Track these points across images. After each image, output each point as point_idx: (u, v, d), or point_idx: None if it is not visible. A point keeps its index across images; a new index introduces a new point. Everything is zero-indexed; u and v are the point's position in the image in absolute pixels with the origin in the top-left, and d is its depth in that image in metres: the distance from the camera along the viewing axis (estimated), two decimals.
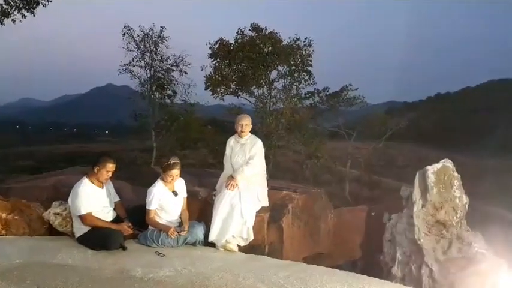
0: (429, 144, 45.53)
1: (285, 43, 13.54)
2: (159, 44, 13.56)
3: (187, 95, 13.75)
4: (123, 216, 4.57)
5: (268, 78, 13.72)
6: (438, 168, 5.23)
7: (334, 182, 17.29)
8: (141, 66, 13.66)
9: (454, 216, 5.10)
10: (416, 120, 49.39)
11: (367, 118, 17.57)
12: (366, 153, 17.21)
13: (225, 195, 4.52)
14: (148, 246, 4.33)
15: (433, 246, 5.05)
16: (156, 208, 4.40)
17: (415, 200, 5.23)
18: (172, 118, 13.52)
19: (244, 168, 4.64)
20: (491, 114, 58.50)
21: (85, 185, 4.34)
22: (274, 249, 4.52)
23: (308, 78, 14.04)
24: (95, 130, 60.22)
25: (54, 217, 4.52)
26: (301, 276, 3.61)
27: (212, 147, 13.88)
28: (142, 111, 15.18)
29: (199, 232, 4.42)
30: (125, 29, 13.43)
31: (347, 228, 5.90)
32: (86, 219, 4.23)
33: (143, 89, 13.88)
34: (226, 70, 13.49)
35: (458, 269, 4.83)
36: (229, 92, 13.81)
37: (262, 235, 4.55)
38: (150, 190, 4.41)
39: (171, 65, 13.75)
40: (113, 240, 4.13)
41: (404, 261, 5.27)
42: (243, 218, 4.45)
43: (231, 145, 4.93)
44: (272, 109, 13.49)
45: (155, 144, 13.73)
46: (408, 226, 5.31)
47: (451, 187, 5.18)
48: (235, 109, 14.26)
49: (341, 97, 15.03)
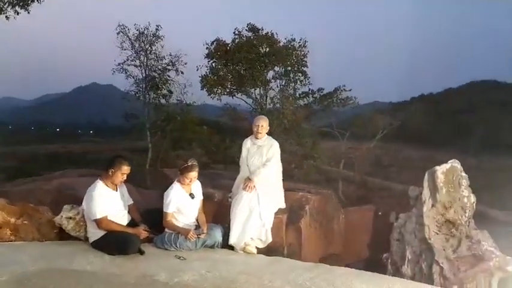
0: (413, 144, 46.01)
1: (281, 44, 13.59)
2: (154, 43, 13.44)
3: (183, 95, 13.66)
4: (138, 220, 4.50)
5: (265, 79, 13.71)
6: (447, 168, 5.32)
7: (326, 181, 17.38)
8: (135, 65, 13.55)
9: (463, 215, 5.20)
10: (402, 120, 49.99)
11: (360, 118, 17.74)
12: (359, 153, 17.36)
13: (242, 197, 4.49)
14: (166, 250, 4.28)
15: (443, 244, 5.14)
16: (173, 211, 4.35)
17: (425, 200, 5.31)
18: (168, 118, 13.37)
19: (261, 170, 4.63)
20: (473, 115, 59.55)
21: (100, 188, 4.26)
22: (292, 250, 4.52)
23: (303, 79, 14.14)
24: (78, 130, 59.15)
25: (67, 221, 4.42)
26: (326, 277, 3.62)
27: (208, 147, 13.82)
28: (134, 111, 15.01)
29: (217, 235, 4.38)
30: (119, 27, 13.29)
31: (355, 228, 5.96)
32: (101, 223, 4.16)
33: (138, 89, 13.74)
34: (223, 70, 13.45)
35: (468, 266, 4.93)
36: (225, 92, 13.75)
37: (281, 237, 4.55)
38: (168, 193, 4.36)
39: (167, 65, 13.62)
40: (131, 245, 4.06)
41: (414, 260, 5.34)
42: (261, 220, 4.44)
43: (248, 147, 4.91)
44: (270, 109, 13.50)
45: (151, 145, 13.58)
46: (418, 225, 5.38)
47: (460, 187, 5.27)
48: (230, 109, 14.28)
49: (335, 97, 15.13)
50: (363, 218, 6.11)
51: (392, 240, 5.70)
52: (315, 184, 12.14)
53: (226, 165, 13.82)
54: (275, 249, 4.50)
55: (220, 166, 14.04)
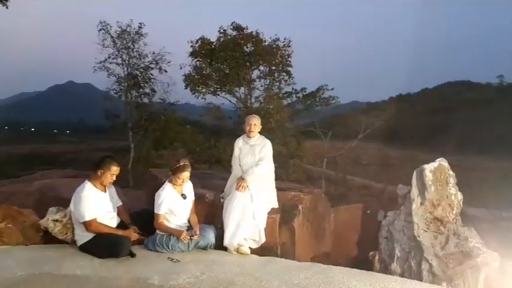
0: (391, 143, 46.96)
1: (266, 43, 13.54)
2: (137, 41, 13.19)
3: (167, 93, 13.47)
4: (128, 222, 4.40)
5: (250, 78, 13.66)
6: (435, 166, 5.39)
7: (309, 180, 17.48)
8: (117, 63, 13.27)
9: (450, 212, 5.27)
10: (372, 119, 50.80)
11: (343, 117, 17.90)
12: (343, 152, 17.52)
13: (236, 197, 4.44)
14: (158, 252, 4.20)
15: (431, 242, 5.20)
16: (165, 212, 4.26)
17: (414, 198, 5.36)
18: (152, 117, 13.15)
19: (254, 170, 4.58)
20: (448, 115, 61.02)
21: (88, 189, 4.14)
22: (286, 250, 4.49)
23: (288, 78, 14.16)
24: (54, 130, 57.67)
25: (54, 224, 4.28)
26: (323, 277, 3.61)
27: (191, 147, 13.66)
28: (114, 110, 14.75)
29: (210, 236, 4.32)
30: (100, 24, 12.98)
31: (344, 227, 5.96)
32: (90, 225, 4.04)
33: (119, 87, 13.47)
34: (208, 69, 13.31)
35: (456, 263, 5.00)
36: (209, 92, 13.61)
37: (274, 237, 4.52)
38: (159, 193, 4.28)
39: (150, 63, 13.41)
40: (122, 247, 3.97)
41: (403, 257, 5.38)
42: (255, 220, 4.39)
43: (240, 146, 4.86)
44: (255, 109, 13.46)
45: (133, 145, 13.33)
46: (406, 223, 5.43)
47: (447, 185, 5.34)
48: (213, 109, 14.15)
49: (317, 97, 15.22)
50: (352, 216, 6.13)
51: (381, 238, 5.74)
52: (298, 183, 12.18)
53: (211, 165, 13.71)
54: (269, 249, 4.46)
55: (204, 166, 13.92)
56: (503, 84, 69.36)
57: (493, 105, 59.35)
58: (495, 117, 56.82)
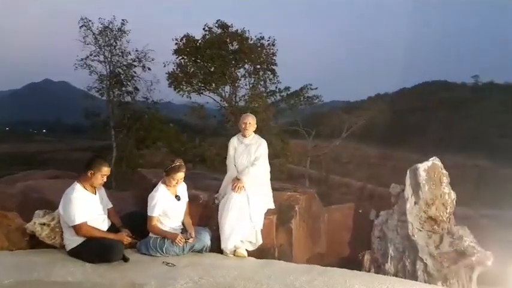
0: (370, 141, 47.56)
1: (251, 42, 13.41)
2: (119, 38, 12.86)
3: (150, 92, 13.19)
4: (119, 224, 4.24)
5: (236, 76, 13.52)
6: (428, 165, 5.37)
7: (292, 179, 17.46)
8: (99, 60, 12.93)
9: (444, 211, 5.25)
10: (355, 119, 51.41)
11: (327, 116, 17.94)
12: (327, 151, 17.57)
13: (232, 198, 4.32)
14: (152, 256, 4.06)
15: (426, 241, 5.18)
16: (158, 214, 4.11)
17: (408, 197, 5.33)
18: (135, 116, 12.85)
19: (250, 169, 4.48)
20: (426, 114, 62.14)
21: (78, 191, 3.96)
22: (283, 252, 4.40)
23: (272, 77, 14.08)
24: (30, 129, 56.07)
25: (41, 228, 4.07)
26: (324, 279, 3.54)
27: (174, 146, 13.43)
28: (95, 108, 14.41)
29: (206, 238, 4.19)
30: (82, 21, 12.62)
31: (337, 227, 5.90)
32: (81, 229, 3.86)
33: (101, 86, 13.11)
34: (192, 67, 13.10)
35: (451, 262, 4.99)
36: (193, 90, 13.39)
37: (271, 238, 4.42)
38: (152, 195, 4.12)
39: (133, 60, 13.10)
40: (114, 251, 3.81)
41: (397, 257, 5.34)
42: (251, 221, 4.28)
43: (235, 145, 4.73)
44: (241, 107, 13.32)
45: (115, 144, 13.00)
46: (400, 222, 5.40)
47: (441, 184, 5.34)
48: (197, 107, 13.96)
49: (302, 96, 15.19)
50: (344, 216, 6.07)
51: (373, 237, 5.69)
52: (281, 182, 12.09)
53: (194, 164, 13.52)
54: (266, 252, 4.36)
55: (188, 165, 13.69)
56: (478, 84, 71.06)
57: (468, 105, 60.74)
58: (470, 116, 58.20)
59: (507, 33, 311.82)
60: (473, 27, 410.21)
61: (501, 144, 47.59)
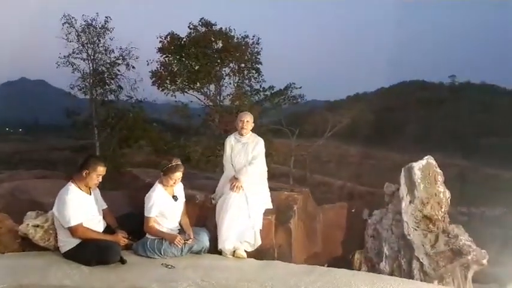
0: (349, 140, 47.97)
1: (235, 40, 13.31)
2: (103, 35, 12.58)
3: (134, 90, 12.95)
4: (114, 225, 4.11)
5: (221, 75, 13.41)
6: (423, 164, 5.39)
7: (273, 178, 17.43)
8: (82, 58, 12.62)
9: (439, 210, 5.28)
10: (339, 118, 51.96)
11: (312, 116, 18.00)
12: (311, 150, 17.62)
13: (230, 198, 4.23)
14: (149, 258, 3.94)
15: (421, 240, 5.20)
16: (156, 215, 3.99)
17: (403, 196, 5.33)
18: (119, 115, 12.58)
19: (247, 169, 4.40)
20: (404, 113, 63.22)
21: (72, 192, 3.82)
22: (282, 252, 4.34)
23: (257, 76, 14.02)
24: (6, 128, 54.37)
25: (34, 230, 3.90)
26: (328, 280, 3.50)
27: (158, 146, 13.23)
28: (76, 107, 14.10)
29: (205, 239, 4.10)
30: (64, 17, 12.28)
31: (330, 226, 5.87)
32: (77, 231, 3.73)
33: (84, 84, 12.80)
34: (176, 66, 12.91)
35: (447, 261, 5.01)
36: (177, 89, 13.20)
37: (270, 238, 4.35)
38: (150, 195, 4.00)
39: (116, 58, 12.85)
40: (112, 253, 3.69)
41: (392, 256, 5.35)
42: (250, 221, 4.20)
43: (232, 144, 4.65)
44: (226, 107, 13.22)
45: (98, 144, 12.71)
46: (395, 222, 5.41)
47: (436, 183, 5.36)
48: (181, 106, 13.79)
49: (286, 95, 15.19)
50: (336, 215, 6.05)
51: (367, 237, 5.68)
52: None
53: None
54: (265, 252, 4.29)
55: None
56: (455, 84, 72.70)
57: (446, 104, 62.09)
58: (448, 115, 59.52)
59: (484, 34, 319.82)
60: (451, 28, 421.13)
61: (479, 144, 48.87)
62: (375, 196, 27.32)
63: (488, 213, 21.10)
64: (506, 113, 56.16)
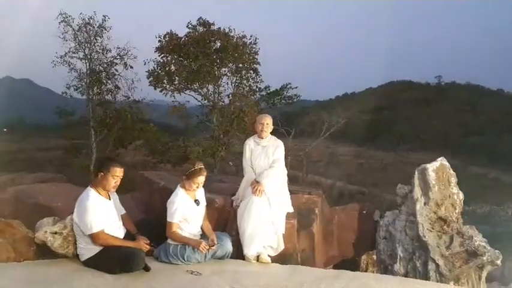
0: (338, 140, 48.20)
1: (234, 40, 13.20)
2: (100, 35, 12.36)
3: (131, 90, 12.76)
4: (134, 231, 3.99)
5: (220, 75, 13.29)
6: (437, 166, 5.39)
7: None
8: (79, 58, 12.37)
9: (453, 212, 5.30)
10: (329, 117, 52.23)
11: (308, 116, 17.99)
12: (308, 150, 17.60)
13: (253, 202, 4.16)
14: (172, 264, 3.84)
15: (436, 242, 5.20)
16: (179, 220, 3.90)
17: (417, 198, 5.33)
18: (117, 116, 12.36)
19: (269, 172, 4.33)
20: (392, 113, 63.83)
21: (92, 197, 3.70)
22: (306, 257, 4.29)
23: (255, 76, 13.93)
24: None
25: (53, 237, 3.76)
26: (357, 285, 3.46)
27: (154, 146, 13.05)
28: (68, 107, 13.87)
29: (228, 244, 4.01)
30: (61, 16, 12.02)
31: (342, 228, 5.84)
32: (98, 237, 3.61)
33: (80, 84, 12.57)
34: (175, 65, 12.75)
35: (462, 262, 5.03)
36: (175, 89, 13.02)
37: (293, 243, 4.29)
38: (172, 200, 3.90)
39: (114, 58, 12.63)
40: (136, 260, 3.57)
41: (406, 257, 5.34)
42: (274, 225, 4.13)
43: (251, 147, 4.57)
44: (226, 107, 13.11)
45: (95, 145, 12.47)
46: (408, 223, 5.40)
47: (449, 184, 5.38)
48: (179, 106, 13.63)
49: (282, 95, 15.18)
50: (348, 217, 6.02)
51: (379, 238, 5.66)
52: None
53: (175, 165, 13.18)
54: (288, 257, 4.23)
55: (168, 166, 13.37)
56: (441, 84, 73.65)
57: (432, 104, 62.88)
58: (434, 115, 60.23)
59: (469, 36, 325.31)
60: (437, 30, 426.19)
61: (465, 143, 49.61)
62: (365, 195, 27.87)
63: (478, 211, 21.37)
64: (490, 113, 57.21)
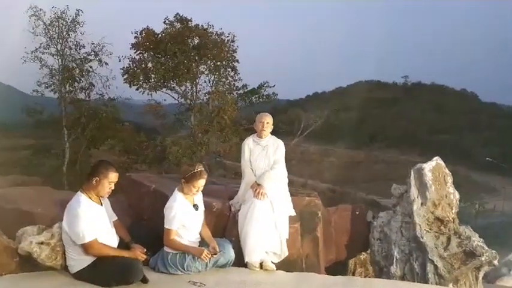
0: (308, 138, 48.50)
1: (212, 37, 12.92)
2: (73, 29, 11.75)
3: (106, 88, 12.22)
4: (127, 239, 3.69)
5: (198, 72, 12.95)
6: (433, 166, 5.32)
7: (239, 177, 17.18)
8: (51, 53, 11.71)
9: (450, 212, 5.24)
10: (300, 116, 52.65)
11: (287, 115, 17.92)
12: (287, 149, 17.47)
13: (255, 206, 3.92)
14: (171, 274, 3.56)
15: (434, 242, 5.13)
16: (178, 227, 3.62)
17: (414, 198, 5.24)
18: (92, 115, 11.80)
19: (270, 174, 4.11)
20: (360, 112, 65.04)
21: (83, 203, 3.38)
22: (311, 263, 4.08)
23: (234, 74, 13.70)
24: None
25: (39, 248, 3.40)
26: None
27: (129, 146, 12.58)
28: (36, 105, 13.19)
29: (231, 251, 3.76)
30: (31, 9, 11.36)
31: (336, 230, 5.69)
32: (92, 247, 3.29)
33: (51, 81, 11.92)
34: (152, 62, 12.32)
35: (460, 263, 4.98)
36: (151, 87, 12.59)
37: (297, 248, 4.07)
38: (171, 206, 3.62)
39: (88, 54, 12.06)
40: (134, 272, 3.30)
41: (402, 259, 5.24)
42: (277, 230, 3.91)
43: (250, 147, 4.33)
44: (204, 105, 12.80)
45: (68, 145, 11.86)
46: (404, 224, 5.31)
47: (445, 184, 5.32)
48: (155, 105, 13.22)
49: (260, 94, 15.03)
50: (340, 218, 5.87)
51: (373, 239, 5.55)
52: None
53: (150, 165, 12.77)
54: (293, 263, 4.01)
55: (144, 167, 12.93)
56: (408, 84, 75.64)
57: (399, 103, 64.59)
58: (401, 114, 61.80)
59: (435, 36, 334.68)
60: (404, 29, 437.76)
61: (431, 141, 51.10)
62: (336, 193, 28.18)
63: None
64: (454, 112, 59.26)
